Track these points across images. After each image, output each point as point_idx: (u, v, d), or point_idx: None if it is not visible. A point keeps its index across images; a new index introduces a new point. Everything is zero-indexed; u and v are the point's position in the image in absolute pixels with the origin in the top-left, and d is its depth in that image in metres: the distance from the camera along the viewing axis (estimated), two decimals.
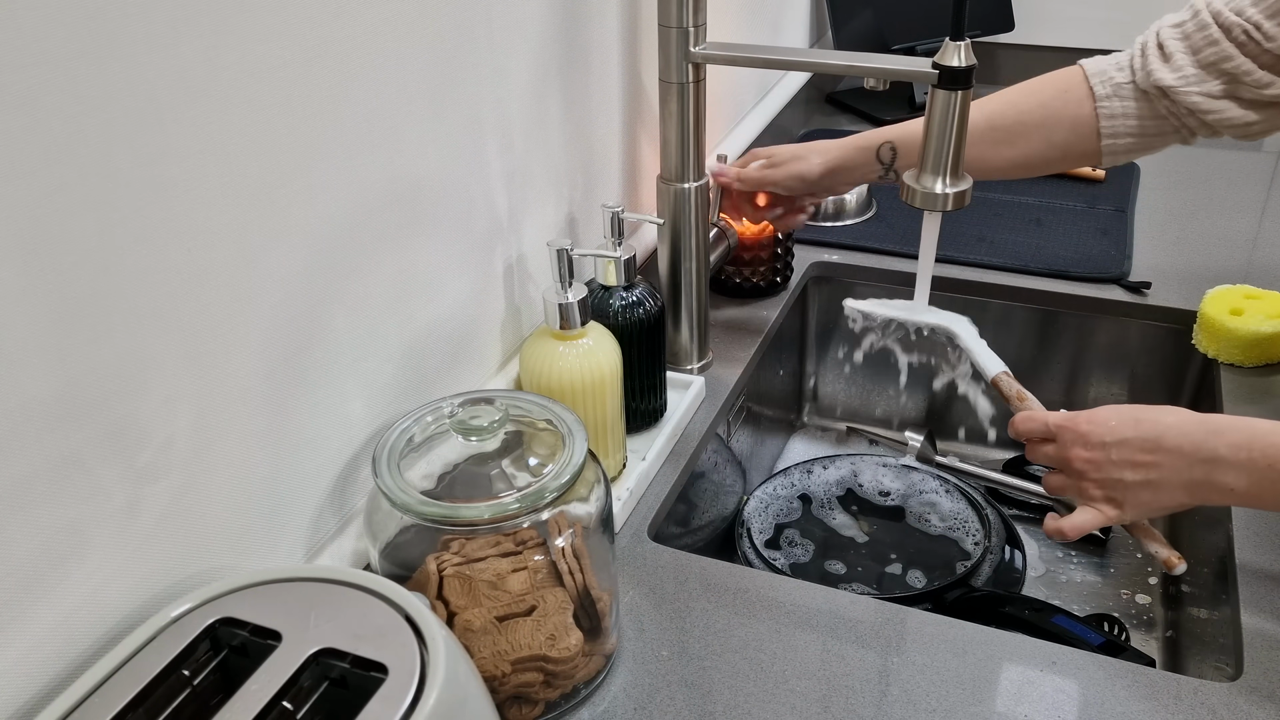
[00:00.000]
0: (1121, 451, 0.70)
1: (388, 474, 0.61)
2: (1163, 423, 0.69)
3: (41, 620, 0.50)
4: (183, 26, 0.50)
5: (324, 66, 0.60)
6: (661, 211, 0.93)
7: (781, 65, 0.94)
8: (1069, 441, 0.74)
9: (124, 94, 0.48)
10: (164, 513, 0.56)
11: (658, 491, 0.85)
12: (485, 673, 0.61)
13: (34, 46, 0.44)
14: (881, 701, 0.66)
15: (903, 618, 0.73)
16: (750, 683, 0.68)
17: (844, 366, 1.25)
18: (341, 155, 0.63)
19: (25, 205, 0.45)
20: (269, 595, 0.53)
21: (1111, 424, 0.71)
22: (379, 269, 0.69)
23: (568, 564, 0.64)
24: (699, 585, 0.76)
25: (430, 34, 0.69)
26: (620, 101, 0.98)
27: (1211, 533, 0.87)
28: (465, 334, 0.80)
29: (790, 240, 1.12)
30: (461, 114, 0.74)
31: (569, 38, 0.87)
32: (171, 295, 0.53)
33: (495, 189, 0.80)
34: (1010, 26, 1.64)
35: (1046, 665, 0.68)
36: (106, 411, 0.51)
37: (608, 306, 0.84)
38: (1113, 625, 0.91)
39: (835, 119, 1.63)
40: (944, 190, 0.81)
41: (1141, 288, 1.11)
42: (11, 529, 0.47)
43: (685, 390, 0.95)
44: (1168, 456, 0.68)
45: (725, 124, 1.31)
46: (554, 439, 0.65)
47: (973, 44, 0.76)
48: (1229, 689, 0.66)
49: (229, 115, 0.54)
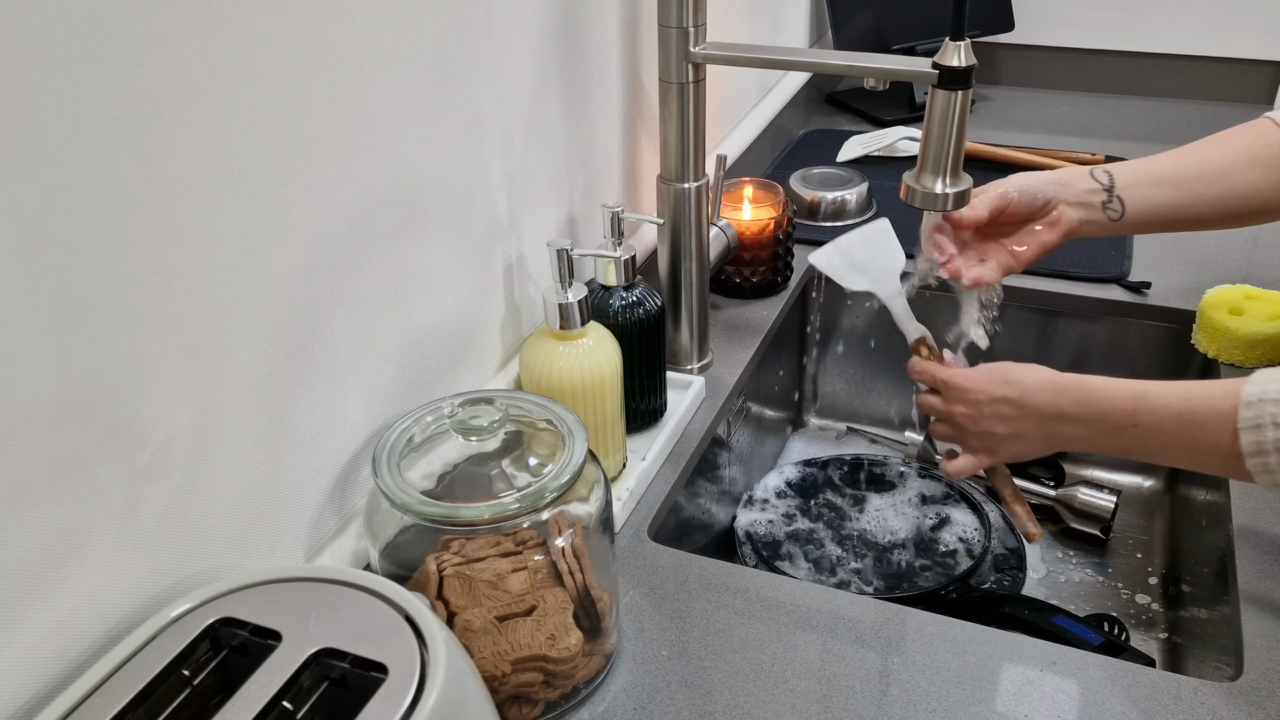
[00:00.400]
0: (993, 408, 0.80)
1: (388, 474, 0.61)
2: (1024, 384, 0.79)
3: (41, 620, 0.50)
4: (183, 26, 0.50)
5: (324, 66, 0.60)
6: (661, 211, 0.93)
7: (781, 65, 0.94)
8: (951, 398, 0.84)
9: (124, 94, 0.48)
10: (164, 513, 0.56)
11: (658, 491, 0.85)
12: (485, 673, 0.61)
13: (34, 46, 0.44)
14: (881, 701, 0.66)
15: (903, 618, 0.73)
16: (750, 683, 0.68)
17: (845, 365, 1.25)
18: (341, 155, 0.63)
19: (25, 205, 0.45)
20: (269, 595, 0.53)
21: (984, 385, 0.81)
22: (379, 269, 0.69)
23: (568, 564, 0.64)
24: (699, 585, 0.76)
25: (430, 34, 0.69)
26: (620, 101, 0.98)
27: (1211, 533, 0.87)
28: (465, 334, 0.80)
29: (790, 240, 1.12)
30: (461, 114, 0.74)
31: (569, 38, 0.87)
32: (171, 295, 0.53)
33: (495, 189, 0.80)
34: (1010, 26, 1.64)
35: (1046, 665, 0.68)
36: (106, 411, 0.51)
37: (608, 306, 0.84)
38: (1113, 625, 0.91)
39: (835, 119, 1.63)
40: (944, 190, 0.81)
41: (1141, 287, 1.11)
42: (11, 529, 0.47)
43: (685, 390, 0.95)
44: (1027, 415, 0.78)
45: (725, 124, 1.31)
46: (554, 439, 0.65)
47: (973, 44, 0.76)
48: (1229, 689, 0.66)
49: (229, 115, 0.54)
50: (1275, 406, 0.64)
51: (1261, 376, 0.66)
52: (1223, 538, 0.81)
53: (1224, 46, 1.62)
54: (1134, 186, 0.89)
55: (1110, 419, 0.74)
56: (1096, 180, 0.89)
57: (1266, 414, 0.64)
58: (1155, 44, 1.65)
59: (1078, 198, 0.90)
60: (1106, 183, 0.89)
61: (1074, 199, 0.90)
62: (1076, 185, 0.90)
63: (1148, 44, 1.66)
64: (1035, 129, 1.55)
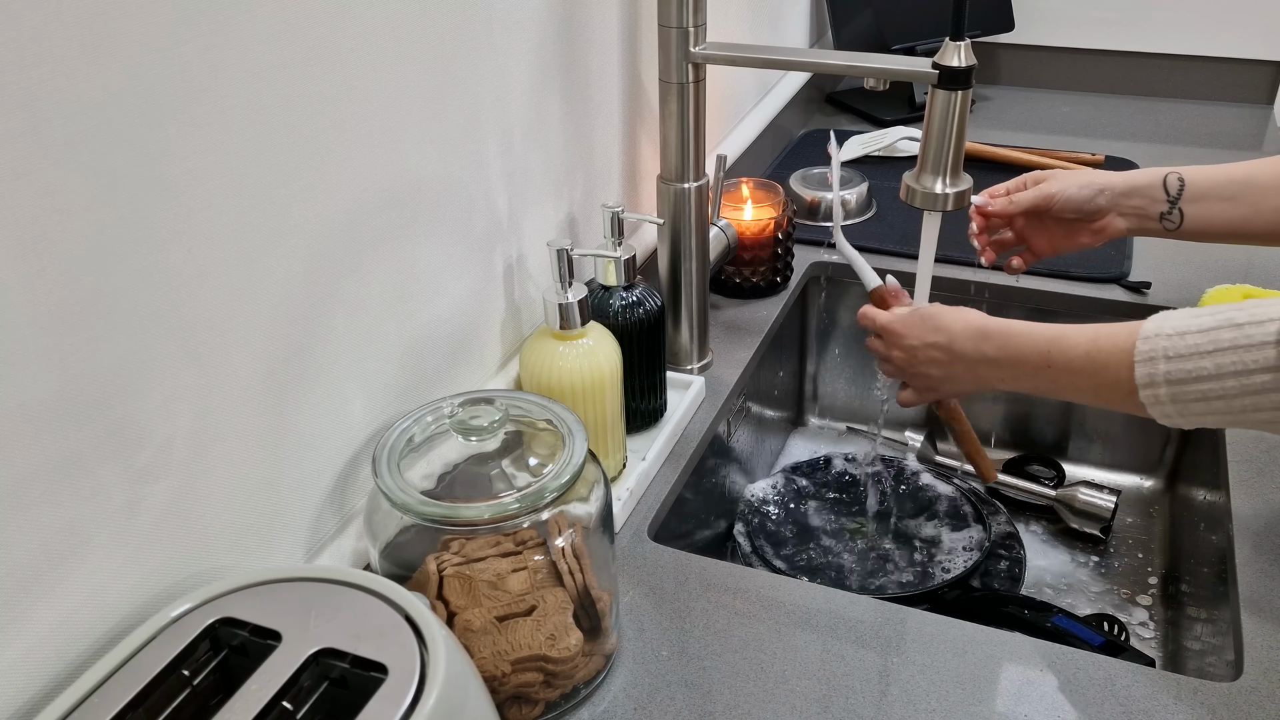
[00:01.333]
0: (925, 353, 0.84)
1: (388, 474, 0.61)
2: (952, 330, 0.82)
3: (41, 620, 0.50)
4: (183, 26, 0.50)
5: (324, 66, 0.60)
6: (661, 211, 0.93)
7: (781, 65, 0.94)
8: (890, 343, 0.87)
9: (124, 94, 0.48)
10: (164, 513, 0.56)
11: (658, 491, 0.85)
12: (485, 673, 0.61)
13: (34, 46, 0.44)
14: (881, 701, 0.66)
15: (903, 618, 0.73)
16: (750, 683, 0.68)
17: (845, 365, 1.25)
18: (341, 155, 0.63)
19: (25, 205, 0.45)
20: (269, 595, 0.53)
21: (916, 331, 0.84)
22: (379, 269, 0.69)
23: (568, 564, 0.64)
24: (699, 585, 0.76)
25: (430, 34, 0.69)
26: (620, 101, 0.98)
27: (1211, 533, 0.87)
28: (465, 334, 0.80)
29: (790, 240, 1.12)
30: (461, 114, 0.74)
31: (569, 38, 0.87)
32: (171, 295, 0.53)
33: (495, 189, 0.80)
34: (1010, 26, 1.64)
35: (1046, 665, 0.68)
36: (106, 411, 0.51)
37: (608, 306, 0.84)
38: (1113, 625, 0.91)
39: (835, 119, 1.63)
40: (944, 190, 0.81)
41: (1141, 287, 1.11)
42: (11, 529, 0.47)
43: (685, 390, 0.95)
44: (956, 359, 0.81)
45: (725, 124, 1.31)
46: (554, 439, 0.65)
47: (973, 44, 0.76)
48: (1229, 689, 0.66)
49: (229, 115, 0.54)
50: (1168, 340, 0.65)
51: (1161, 315, 0.67)
52: (1223, 538, 0.81)
53: (1224, 46, 1.62)
54: (1201, 200, 0.88)
55: (1029, 361, 0.76)
56: (1165, 189, 0.89)
57: (1159, 348, 0.65)
58: (1155, 44, 1.66)
59: (1133, 209, 0.91)
60: (1175, 192, 0.89)
61: (1129, 209, 0.91)
62: (1138, 196, 0.90)
63: (1148, 44, 1.66)
64: (1035, 129, 1.55)
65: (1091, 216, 0.92)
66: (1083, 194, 0.91)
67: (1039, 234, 0.96)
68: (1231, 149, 1.47)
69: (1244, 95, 1.64)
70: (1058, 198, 0.91)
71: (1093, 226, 0.93)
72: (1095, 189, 0.91)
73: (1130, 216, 0.91)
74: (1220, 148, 1.47)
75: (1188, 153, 1.46)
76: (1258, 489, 0.83)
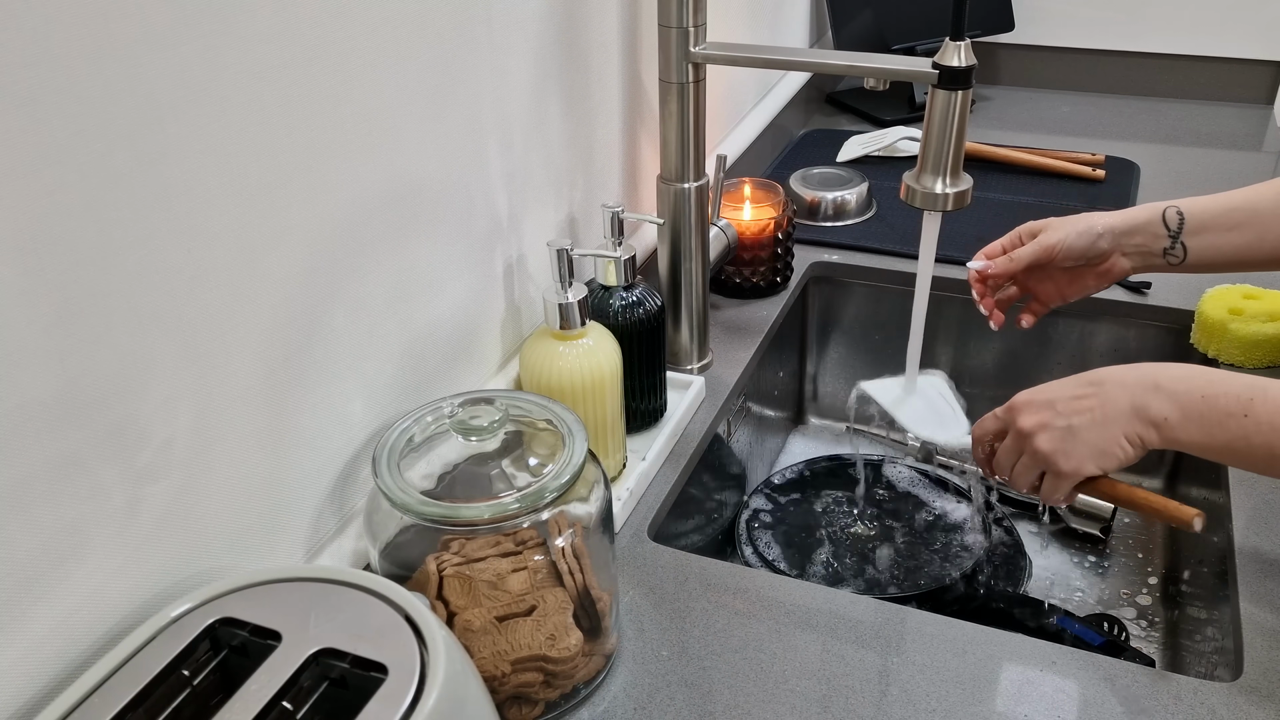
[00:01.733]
0: (1065, 389, 0.73)
1: (388, 474, 0.61)
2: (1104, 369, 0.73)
3: (41, 620, 0.50)
4: (183, 27, 0.50)
5: (324, 66, 0.60)
6: (661, 211, 0.93)
7: (781, 65, 0.94)
8: (1018, 411, 0.76)
9: (124, 94, 0.48)
10: (164, 513, 0.56)
11: (658, 491, 0.85)
12: (485, 673, 0.61)
13: (34, 46, 0.44)
14: (881, 701, 0.66)
15: (903, 618, 0.73)
16: (750, 683, 0.68)
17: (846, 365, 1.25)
18: (341, 155, 0.63)
19: (25, 205, 0.45)
20: (269, 595, 0.53)
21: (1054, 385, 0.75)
22: (379, 269, 0.69)
23: (568, 564, 0.64)
24: (699, 585, 0.76)
25: (430, 34, 0.69)
26: (620, 101, 0.98)
27: (1211, 533, 0.87)
28: (465, 334, 0.80)
29: (790, 240, 1.12)
30: (461, 114, 0.74)
31: (569, 38, 0.87)
32: (171, 295, 0.53)
33: (495, 189, 0.80)
34: (1010, 26, 1.64)
35: (1046, 665, 0.68)
36: (106, 411, 0.51)
37: (608, 306, 0.84)
38: (1113, 625, 0.91)
39: (835, 119, 1.63)
40: (944, 190, 0.81)
41: (1141, 288, 1.11)
42: (11, 529, 0.47)
43: (685, 390, 0.95)
44: (1110, 385, 0.71)
45: (725, 124, 1.31)
46: (554, 439, 0.65)
47: (973, 44, 0.76)
48: (1229, 689, 0.66)
49: (229, 116, 0.54)
50: None
51: None
52: (1223, 538, 0.81)
53: (1223, 46, 1.62)
54: (1203, 232, 0.86)
55: (1218, 404, 0.66)
56: (1165, 225, 0.87)
57: None
58: (1155, 44, 1.65)
59: (1136, 247, 0.88)
60: (1175, 228, 0.87)
61: (1131, 248, 0.89)
62: (1139, 234, 0.88)
63: (1147, 44, 1.66)
64: (1035, 129, 1.55)
65: (1095, 261, 0.89)
66: (1083, 240, 0.87)
67: (1044, 283, 0.92)
68: (1231, 149, 1.46)
69: (1244, 95, 1.64)
70: (1059, 248, 0.88)
71: (1098, 270, 0.90)
72: (1095, 234, 0.88)
73: (1134, 255, 0.89)
74: (1220, 148, 1.47)
75: (1188, 153, 1.46)
76: (1258, 489, 0.83)
